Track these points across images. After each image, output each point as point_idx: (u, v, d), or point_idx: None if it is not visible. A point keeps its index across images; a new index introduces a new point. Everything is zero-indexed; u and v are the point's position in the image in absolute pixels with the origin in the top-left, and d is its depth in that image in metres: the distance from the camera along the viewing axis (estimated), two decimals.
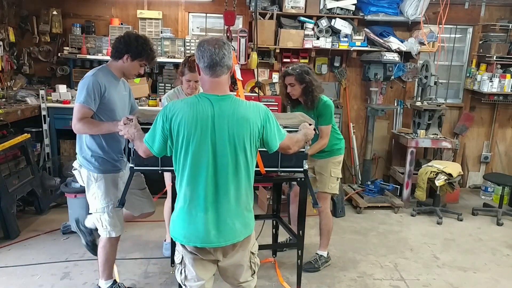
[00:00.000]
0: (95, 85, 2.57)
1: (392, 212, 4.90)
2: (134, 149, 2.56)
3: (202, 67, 1.91)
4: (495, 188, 5.41)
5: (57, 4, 5.13)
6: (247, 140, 1.90)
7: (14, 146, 4.02)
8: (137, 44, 2.64)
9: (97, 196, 2.74)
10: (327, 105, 3.25)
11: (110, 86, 2.67)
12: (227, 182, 1.90)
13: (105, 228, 2.78)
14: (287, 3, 4.90)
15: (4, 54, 4.85)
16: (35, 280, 3.17)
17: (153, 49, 2.73)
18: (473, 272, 3.59)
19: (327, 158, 3.38)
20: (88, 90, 2.55)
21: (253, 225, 2.06)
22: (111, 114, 2.68)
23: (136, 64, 2.69)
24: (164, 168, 2.77)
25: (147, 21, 5.11)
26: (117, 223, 2.80)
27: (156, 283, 3.19)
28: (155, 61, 2.95)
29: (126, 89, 2.91)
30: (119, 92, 2.78)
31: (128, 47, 2.64)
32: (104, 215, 2.75)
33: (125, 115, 2.55)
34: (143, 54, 2.66)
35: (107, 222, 2.76)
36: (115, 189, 2.78)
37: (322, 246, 3.52)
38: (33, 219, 4.23)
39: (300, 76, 3.19)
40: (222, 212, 1.91)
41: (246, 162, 1.93)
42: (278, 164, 2.86)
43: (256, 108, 1.96)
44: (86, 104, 2.55)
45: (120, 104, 2.77)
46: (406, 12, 5.02)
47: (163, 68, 5.17)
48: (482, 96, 5.42)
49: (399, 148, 5.56)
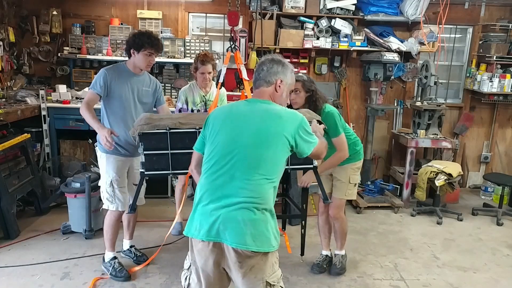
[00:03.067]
0: (102, 75, 3.00)
1: (392, 212, 4.90)
2: (144, 153, 2.68)
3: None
4: (495, 188, 5.41)
5: (57, 4, 5.13)
6: (276, 136, 1.90)
7: (14, 146, 4.02)
8: (136, 37, 3.00)
9: (101, 171, 3.15)
10: (330, 114, 3.06)
11: (120, 79, 3.04)
12: (243, 175, 1.85)
13: (105, 201, 3.16)
14: (287, 3, 4.90)
15: (4, 54, 4.85)
16: (35, 280, 3.16)
17: (152, 37, 3.02)
18: (473, 272, 3.59)
19: (346, 165, 3.21)
20: (96, 78, 3.02)
21: (275, 244, 1.88)
22: (118, 104, 3.06)
23: (142, 56, 3.01)
24: (174, 171, 2.82)
25: (147, 21, 5.11)
26: (117, 200, 3.13)
27: (156, 283, 3.19)
28: (160, 47, 3.12)
29: (152, 86, 3.25)
30: (135, 86, 3.11)
31: (130, 43, 3.02)
32: (106, 188, 3.11)
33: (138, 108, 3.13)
34: (144, 44, 2.97)
35: (107, 195, 3.12)
36: (116, 169, 3.10)
37: (340, 246, 3.43)
38: (33, 219, 4.23)
39: (307, 84, 3.11)
40: (233, 207, 1.83)
41: (271, 159, 1.88)
42: (288, 162, 2.89)
43: (292, 114, 1.99)
44: (92, 89, 3.00)
45: (133, 97, 3.11)
46: (406, 12, 5.01)
47: (163, 68, 5.18)
48: (482, 96, 5.42)
49: (399, 148, 5.56)
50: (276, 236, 1.90)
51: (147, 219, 4.29)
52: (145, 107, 3.22)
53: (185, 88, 3.81)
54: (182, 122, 2.86)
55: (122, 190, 3.15)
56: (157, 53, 3.10)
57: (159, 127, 2.76)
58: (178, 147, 2.82)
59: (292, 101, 3.12)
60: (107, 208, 3.18)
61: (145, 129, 2.74)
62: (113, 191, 3.12)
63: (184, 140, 2.81)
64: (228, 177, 1.87)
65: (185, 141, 2.81)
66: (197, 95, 3.76)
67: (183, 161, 2.83)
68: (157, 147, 2.80)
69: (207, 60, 3.63)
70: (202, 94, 3.77)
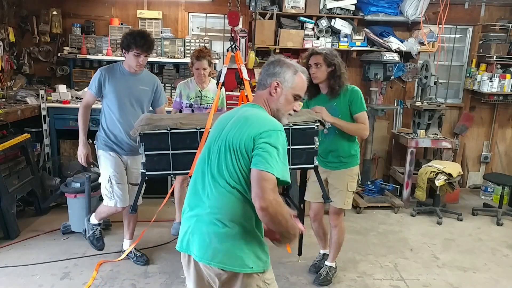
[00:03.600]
0: (97, 75, 3.12)
1: (392, 212, 4.90)
2: (144, 154, 2.68)
3: None
4: (495, 188, 5.41)
5: (57, 4, 5.12)
6: (236, 142, 1.67)
7: (14, 146, 4.02)
8: (125, 38, 3.05)
9: (101, 168, 3.25)
10: (355, 90, 3.01)
11: (115, 78, 3.13)
12: (212, 183, 1.71)
13: (105, 197, 3.23)
14: (287, 3, 4.90)
15: (4, 54, 4.85)
16: (35, 280, 3.17)
17: (139, 37, 3.01)
18: (473, 272, 3.59)
19: (343, 170, 3.09)
20: (92, 79, 3.16)
21: (252, 264, 1.67)
22: (114, 103, 3.14)
23: (131, 56, 3.06)
24: (175, 172, 2.83)
25: (147, 21, 5.11)
26: (115, 196, 3.20)
27: (156, 283, 3.19)
28: (148, 47, 3.07)
29: (150, 84, 3.29)
30: (131, 85, 3.17)
31: (121, 43, 3.11)
32: (105, 185, 3.19)
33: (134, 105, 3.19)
34: (131, 45, 3.01)
35: (106, 192, 3.20)
36: (114, 165, 3.19)
37: (332, 258, 3.33)
38: (33, 219, 4.23)
39: (329, 57, 2.91)
40: (200, 217, 1.71)
41: (232, 166, 1.66)
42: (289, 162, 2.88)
43: (263, 121, 1.71)
44: (89, 90, 3.15)
45: (129, 96, 3.17)
46: (406, 12, 5.02)
47: (163, 68, 5.17)
48: (482, 96, 5.42)
49: (399, 148, 5.56)
50: (258, 256, 1.70)
51: (147, 219, 4.29)
52: (142, 106, 3.27)
53: (182, 83, 3.89)
54: (183, 122, 2.86)
55: (121, 187, 3.20)
56: (146, 54, 3.08)
57: (160, 127, 2.77)
58: (179, 147, 2.82)
59: (312, 76, 2.94)
60: (106, 205, 3.26)
61: (146, 129, 2.74)
62: (111, 187, 3.18)
63: (185, 140, 2.82)
64: (201, 183, 1.75)
65: (186, 141, 2.82)
66: (193, 90, 3.80)
67: (184, 161, 2.83)
68: (158, 147, 2.80)
69: (202, 55, 3.61)
70: (198, 89, 3.80)
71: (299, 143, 2.88)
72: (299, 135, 2.87)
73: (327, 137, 3.09)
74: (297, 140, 2.87)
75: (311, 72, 2.93)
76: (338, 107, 3.02)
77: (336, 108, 3.01)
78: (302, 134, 2.88)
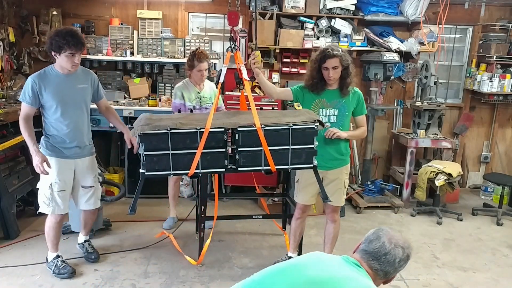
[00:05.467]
0: (29, 84, 2.92)
1: (392, 212, 4.90)
2: (143, 155, 2.68)
3: None
4: (495, 188, 5.41)
5: (57, 4, 5.12)
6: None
7: (14, 146, 4.02)
8: (53, 39, 2.83)
9: (41, 174, 3.03)
10: (359, 93, 3.15)
11: (50, 84, 2.94)
12: None
13: (42, 203, 3.12)
14: (287, 3, 4.90)
15: (4, 54, 4.85)
16: (35, 280, 3.17)
17: (69, 36, 2.81)
18: (473, 272, 3.59)
19: (339, 168, 3.17)
20: (24, 89, 2.96)
21: None
22: (56, 109, 2.99)
23: (63, 57, 2.88)
24: (175, 172, 2.82)
25: (147, 21, 5.11)
26: (53, 203, 3.08)
27: (156, 283, 3.19)
28: (81, 44, 2.91)
29: (87, 80, 3.12)
30: (69, 87, 3.01)
31: (49, 45, 2.87)
32: (45, 191, 3.07)
33: (79, 106, 3.07)
34: (63, 46, 2.82)
35: (44, 198, 3.09)
36: (58, 172, 3.05)
37: (329, 252, 3.36)
38: (33, 219, 4.22)
39: (344, 58, 2.96)
40: None
41: None
42: (289, 162, 2.90)
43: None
44: (24, 102, 2.95)
45: (71, 98, 3.02)
46: (406, 12, 5.02)
47: (163, 68, 5.17)
48: (482, 96, 5.42)
49: (399, 148, 5.56)
50: None
51: (147, 219, 4.30)
52: (86, 104, 3.15)
53: (180, 85, 3.90)
54: (182, 122, 2.86)
55: (62, 195, 3.09)
56: (80, 52, 2.93)
57: (159, 128, 2.76)
58: (179, 148, 2.82)
59: (330, 79, 2.99)
60: (43, 212, 3.15)
61: (145, 129, 2.73)
62: (51, 194, 3.07)
63: (185, 141, 2.82)
64: None
65: (186, 142, 2.81)
66: (192, 92, 3.86)
67: (184, 162, 2.83)
68: (158, 148, 2.80)
69: (203, 57, 3.72)
70: (196, 91, 3.87)
71: (298, 143, 2.89)
72: (299, 135, 2.88)
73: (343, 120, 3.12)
74: (297, 140, 2.88)
75: (328, 75, 2.98)
76: (346, 105, 3.09)
77: (345, 106, 3.08)
78: (302, 134, 2.89)
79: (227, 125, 2.86)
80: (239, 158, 2.87)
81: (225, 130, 2.85)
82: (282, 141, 2.88)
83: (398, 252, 1.68)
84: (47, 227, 3.20)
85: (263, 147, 2.82)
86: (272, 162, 2.84)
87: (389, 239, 1.71)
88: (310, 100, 3.12)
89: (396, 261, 1.68)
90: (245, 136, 2.84)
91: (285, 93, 3.29)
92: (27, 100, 2.94)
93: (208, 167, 2.89)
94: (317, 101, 3.10)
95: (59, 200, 3.09)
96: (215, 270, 3.41)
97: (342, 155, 3.17)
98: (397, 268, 1.70)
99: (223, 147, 2.87)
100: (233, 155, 2.92)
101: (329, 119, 3.09)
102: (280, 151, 2.88)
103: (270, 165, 2.86)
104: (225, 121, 2.90)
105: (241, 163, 2.88)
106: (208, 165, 2.88)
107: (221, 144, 2.86)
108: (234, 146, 2.88)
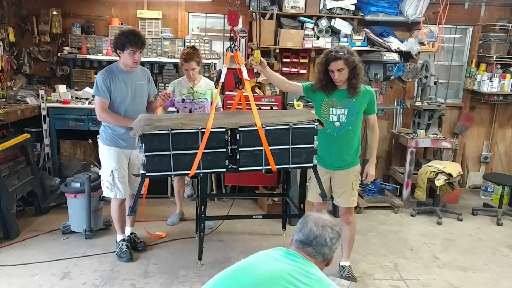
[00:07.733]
0: (101, 79, 3.22)
1: (392, 212, 4.90)
2: (145, 155, 2.69)
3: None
4: (495, 188, 5.41)
5: (57, 4, 5.12)
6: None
7: (14, 146, 4.02)
8: (118, 38, 3.19)
9: (103, 162, 3.39)
10: (372, 91, 3.13)
11: (116, 79, 3.27)
12: None
13: (105, 189, 3.40)
14: (287, 3, 4.90)
15: (4, 54, 4.85)
16: (35, 280, 3.16)
17: (132, 35, 3.17)
18: (473, 272, 3.59)
19: (347, 169, 3.15)
20: (97, 84, 3.23)
21: None
22: (119, 103, 3.28)
23: (127, 54, 3.22)
24: (176, 172, 2.82)
25: (147, 21, 5.11)
26: (116, 188, 3.36)
27: (156, 283, 3.19)
28: (142, 43, 3.25)
29: (145, 79, 3.47)
30: (131, 83, 3.33)
31: (115, 44, 3.24)
32: (107, 177, 3.34)
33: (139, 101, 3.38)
34: (125, 44, 3.17)
35: (107, 184, 3.36)
36: (117, 160, 3.33)
37: (347, 256, 3.33)
38: (33, 219, 4.22)
39: (349, 60, 2.91)
40: None
41: None
42: (289, 161, 2.90)
43: None
44: (98, 96, 3.23)
45: (131, 94, 3.33)
46: (406, 12, 5.02)
47: (163, 68, 5.17)
48: (482, 96, 5.42)
49: (399, 148, 5.56)
50: None
51: (147, 219, 4.29)
52: (142, 100, 3.46)
53: (176, 81, 4.08)
54: (183, 122, 2.86)
55: (122, 180, 3.38)
56: (140, 50, 3.26)
57: (160, 128, 2.76)
58: (180, 148, 2.82)
59: (336, 81, 2.98)
60: (106, 196, 3.45)
61: (146, 130, 2.73)
62: (113, 180, 3.35)
63: (186, 141, 2.82)
64: None
65: (187, 142, 2.82)
66: (185, 87, 3.99)
67: (185, 162, 2.83)
68: (159, 148, 2.80)
69: (190, 58, 3.81)
70: (190, 86, 3.98)
71: (299, 142, 2.90)
72: (299, 134, 2.88)
73: (338, 136, 3.09)
74: (297, 140, 2.89)
75: (334, 77, 2.97)
76: (357, 104, 3.06)
77: (355, 105, 3.06)
78: (302, 133, 2.89)
79: (228, 125, 2.86)
80: (240, 158, 2.87)
81: (226, 130, 2.85)
82: (282, 141, 2.89)
83: (327, 231, 1.74)
84: (112, 211, 3.49)
85: (264, 146, 2.82)
86: (273, 161, 2.85)
87: (315, 223, 1.77)
88: (320, 98, 3.11)
89: (327, 240, 1.74)
90: (246, 136, 2.85)
91: (296, 87, 3.26)
92: (101, 94, 3.22)
93: (209, 167, 2.90)
94: (327, 100, 3.08)
95: (119, 185, 3.37)
96: (215, 270, 3.41)
97: (351, 157, 3.15)
98: (332, 247, 1.75)
99: (224, 147, 2.87)
100: (233, 155, 2.92)
101: (339, 119, 3.06)
102: (281, 151, 2.89)
103: (270, 164, 2.86)
104: (226, 121, 2.90)
105: (242, 163, 2.88)
106: (209, 165, 2.88)
107: (222, 144, 2.86)
108: (235, 146, 2.89)
